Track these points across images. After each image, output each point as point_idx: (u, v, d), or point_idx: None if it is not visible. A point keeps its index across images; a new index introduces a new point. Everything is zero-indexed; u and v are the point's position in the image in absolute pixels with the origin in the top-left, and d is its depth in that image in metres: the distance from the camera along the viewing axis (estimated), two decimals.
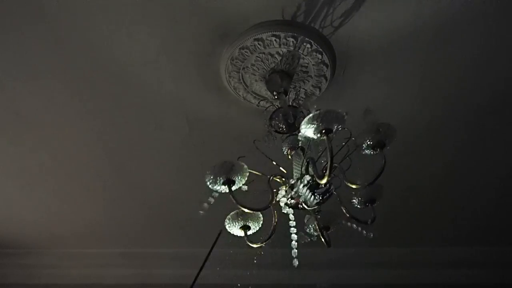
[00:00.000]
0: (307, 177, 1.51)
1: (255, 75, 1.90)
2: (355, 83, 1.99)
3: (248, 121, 2.14)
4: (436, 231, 3.12)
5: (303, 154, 1.59)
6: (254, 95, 2.00)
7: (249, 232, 1.67)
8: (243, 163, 1.45)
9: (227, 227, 1.67)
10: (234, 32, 1.78)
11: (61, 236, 3.32)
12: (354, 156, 1.53)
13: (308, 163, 1.55)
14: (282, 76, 1.85)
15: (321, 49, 1.77)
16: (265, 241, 1.62)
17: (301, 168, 1.58)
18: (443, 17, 1.69)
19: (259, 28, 1.75)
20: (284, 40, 1.75)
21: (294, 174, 1.61)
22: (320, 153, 1.57)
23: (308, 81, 1.92)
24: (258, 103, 2.03)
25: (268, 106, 1.91)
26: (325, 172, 1.39)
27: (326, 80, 1.90)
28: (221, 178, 1.44)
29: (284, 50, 1.78)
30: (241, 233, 1.67)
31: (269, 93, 1.89)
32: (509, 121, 2.20)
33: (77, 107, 2.20)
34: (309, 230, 1.71)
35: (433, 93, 2.04)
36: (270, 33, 1.74)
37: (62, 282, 3.55)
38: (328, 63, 1.83)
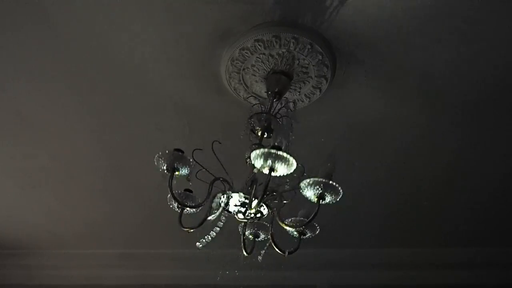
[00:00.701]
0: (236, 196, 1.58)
1: (255, 76, 1.90)
2: (356, 83, 1.99)
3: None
4: (436, 231, 3.12)
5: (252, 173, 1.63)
6: (255, 96, 1.99)
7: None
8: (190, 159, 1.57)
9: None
10: (235, 33, 1.78)
11: (61, 237, 3.32)
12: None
13: (251, 182, 1.59)
14: (281, 77, 1.84)
15: (321, 50, 1.77)
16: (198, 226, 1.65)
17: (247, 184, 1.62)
18: (443, 14, 1.68)
19: (260, 29, 1.74)
20: (285, 41, 1.75)
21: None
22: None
23: (309, 82, 1.91)
24: (258, 104, 2.02)
25: (255, 104, 1.91)
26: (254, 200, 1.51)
27: (327, 81, 1.90)
28: (165, 164, 1.59)
29: (284, 51, 1.78)
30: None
31: (268, 94, 1.88)
32: (509, 120, 2.19)
33: (77, 108, 2.20)
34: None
35: (433, 94, 2.04)
36: (270, 34, 1.73)
37: (62, 282, 3.56)
38: (328, 64, 1.82)
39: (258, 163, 1.41)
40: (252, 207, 1.52)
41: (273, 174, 1.42)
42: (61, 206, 2.93)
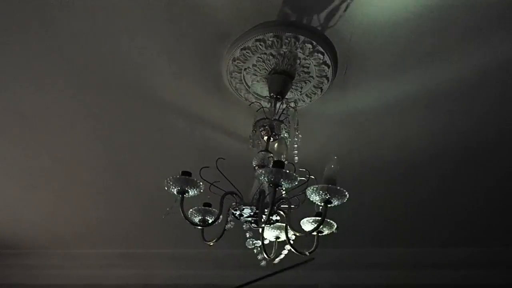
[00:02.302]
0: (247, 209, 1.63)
1: (256, 75, 1.90)
2: (357, 83, 1.99)
3: (249, 122, 2.14)
4: (436, 231, 3.12)
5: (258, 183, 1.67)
6: (256, 95, 1.99)
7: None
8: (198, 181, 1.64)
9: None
10: (236, 33, 1.78)
11: (62, 237, 3.32)
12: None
13: (259, 195, 1.64)
14: (283, 77, 1.84)
15: (322, 50, 1.77)
16: (217, 239, 1.72)
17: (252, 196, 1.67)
18: (446, 17, 1.69)
19: (261, 28, 1.74)
20: (286, 41, 1.75)
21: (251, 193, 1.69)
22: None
23: (310, 82, 1.91)
24: (259, 104, 2.02)
25: (252, 102, 1.94)
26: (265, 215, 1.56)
27: (328, 80, 1.90)
28: (176, 187, 1.66)
29: (286, 50, 1.78)
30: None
31: (269, 94, 1.88)
32: (509, 122, 2.19)
33: (78, 108, 2.20)
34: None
35: (435, 92, 2.04)
36: (272, 33, 1.73)
37: (63, 282, 3.56)
38: (330, 64, 1.82)
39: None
40: (262, 222, 1.58)
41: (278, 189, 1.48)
42: (62, 206, 2.93)
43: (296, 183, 1.48)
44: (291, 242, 1.62)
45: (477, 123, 2.17)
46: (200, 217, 1.74)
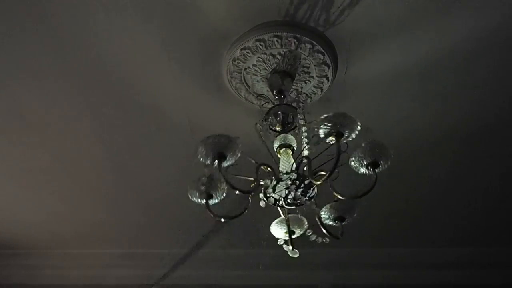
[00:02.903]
0: (293, 175, 1.52)
1: (256, 75, 1.90)
2: (357, 83, 1.99)
3: (250, 122, 2.14)
4: (436, 231, 3.12)
5: (292, 154, 1.64)
6: (256, 95, 2.00)
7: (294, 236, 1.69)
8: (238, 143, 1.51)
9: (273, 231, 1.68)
10: (236, 33, 1.78)
11: (62, 237, 3.31)
12: (344, 168, 1.52)
13: (300, 162, 1.57)
14: (283, 77, 1.85)
15: (322, 50, 1.77)
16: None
17: (290, 166, 1.60)
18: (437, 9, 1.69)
19: (261, 28, 1.75)
20: (286, 41, 1.75)
21: (280, 170, 1.61)
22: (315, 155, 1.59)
23: (310, 82, 1.92)
24: (259, 104, 2.03)
25: (263, 104, 1.92)
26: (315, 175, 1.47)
27: (328, 80, 1.90)
28: (212, 153, 1.51)
29: (286, 50, 1.78)
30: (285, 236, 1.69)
31: (270, 93, 1.89)
32: (508, 122, 2.20)
33: (78, 108, 2.20)
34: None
35: (433, 92, 2.04)
36: (272, 33, 1.74)
37: (63, 282, 3.55)
38: (330, 64, 1.83)
39: (321, 131, 1.39)
40: (320, 181, 1.46)
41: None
42: (62, 206, 2.93)
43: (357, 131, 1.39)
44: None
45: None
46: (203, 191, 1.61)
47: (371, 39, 1.79)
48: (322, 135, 1.42)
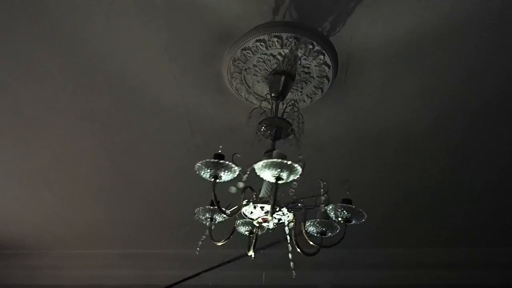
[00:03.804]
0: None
1: (257, 76, 1.90)
2: (357, 84, 1.99)
3: (250, 122, 2.14)
4: (437, 232, 3.12)
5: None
6: (256, 96, 2.00)
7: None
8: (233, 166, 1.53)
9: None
10: (236, 33, 1.78)
11: (62, 237, 3.32)
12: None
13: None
14: (283, 77, 1.85)
15: (323, 50, 1.77)
16: (226, 240, 1.75)
17: (267, 190, 1.65)
18: (443, 21, 1.69)
19: (261, 29, 1.75)
20: (286, 41, 1.75)
21: (261, 191, 1.66)
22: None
23: (310, 82, 1.92)
24: (260, 104, 2.03)
25: (254, 108, 1.90)
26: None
27: (328, 81, 1.90)
28: (209, 170, 1.55)
29: (286, 51, 1.78)
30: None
31: (269, 94, 1.89)
32: (508, 122, 2.20)
33: (79, 109, 2.20)
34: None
35: (433, 94, 2.04)
36: (272, 34, 1.74)
37: (63, 283, 3.56)
38: (330, 64, 1.83)
39: (265, 174, 1.43)
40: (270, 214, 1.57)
41: (280, 182, 1.44)
42: (63, 207, 2.93)
43: (297, 177, 1.45)
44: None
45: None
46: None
47: (372, 39, 1.79)
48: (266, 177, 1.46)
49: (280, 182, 1.44)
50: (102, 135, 2.36)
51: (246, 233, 1.79)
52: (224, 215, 1.66)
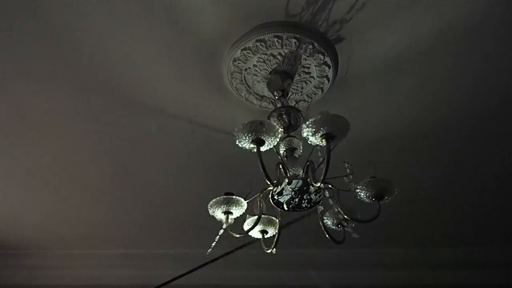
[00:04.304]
0: (298, 180, 1.56)
1: (257, 76, 1.90)
2: (357, 84, 1.99)
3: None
4: (436, 231, 3.12)
5: (297, 157, 1.66)
6: (256, 96, 2.00)
7: (266, 236, 1.74)
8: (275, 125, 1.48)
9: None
10: (236, 33, 1.79)
11: (63, 237, 3.31)
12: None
13: (306, 166, 1.57)
14: (283, 77, 1.85)
15: (323, 50, 1.78)
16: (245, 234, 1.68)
17: (295, 170, 1.61)
18: (445, 24, 1.70)
19: (261, 29, 1.75)
20: (286, 41, 1.75)
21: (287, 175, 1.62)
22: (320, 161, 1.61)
23: (310, 82, 1.92)
24: (260, 104, 2.03)
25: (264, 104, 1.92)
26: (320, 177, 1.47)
27: (329, 81, 1.90)
28: (251, 136, 1.47)
29: (286, 51, 1.78)
30: (259, 235, 1.74)
31: (271, 94, 1.89)
32: (509, 125, 2.20)
33: (79, 109, 2.20)
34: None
35: (434, 95, 2.05)
36: (272, 34, 1.74)
37: (64, 283, 3.55)
38: (330, 64, 1.83)
39: (311, 134, 1.41)
40: (319, 182, 1.49)
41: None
42: (63, 207, 2.93)
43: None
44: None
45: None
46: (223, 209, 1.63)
47: (372, 39, 1.79)
48: (313, 139, 1.44)
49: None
50: (102, 135, 2.36)
51: (259, 234, 1.76)
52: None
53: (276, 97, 1.84)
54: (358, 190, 1.60)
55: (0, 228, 3.21)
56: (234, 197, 1.60)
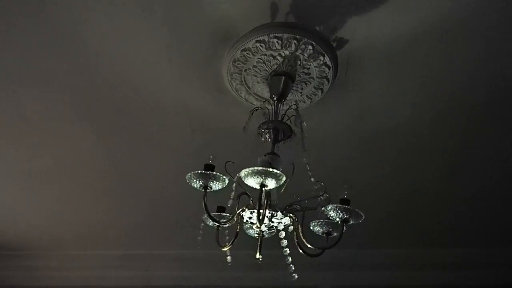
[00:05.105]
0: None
1: (257, 76, 1.90)
2: (358, 84, 1.99)
3: (250, 123, 2.14)
4: (436, 231, 3.12)
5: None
6: (256, 96, 2.00)
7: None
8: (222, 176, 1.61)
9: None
10: (236, 34, 1.78)
11: (63, 238, 3.32)
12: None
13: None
14: (284, 81, 1.85)
15: (323, 51, 1.77)
16: (231, 244, 1.79)
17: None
18: (444, 20, 1.69)
19: (261, 30, 1.75)
20: (286, 42, 1.75)
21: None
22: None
23: (310, 83, 1.92)
24: (260, 106, 2.03)
25: (255, 109, 1.92)
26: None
27: (328, 81, 1.90)
28: (199, 181, 1.64)
29: (286, 52, 1.78)
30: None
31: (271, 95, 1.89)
32: (509, 121, 2.20)
33: (79, 109, 2.20)
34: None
35: (434, 94, 2.04)
36: (272, 34, 1.74)
37: (64, 284, 3.56)
38: (330, 65, 1.83)
39: (250, 181, 1.47)
40: (261, 224, 1.60)
41: (265, 189, 1.49)
42: (63, 208, 2.93)
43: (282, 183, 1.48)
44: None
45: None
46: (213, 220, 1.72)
47: (372, 40, 1.79)
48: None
49: (265, 188, 1.49)
50: (102, 135, 2.37)
51: (256, 235, 1.80)
52: (216, 223, 1.73)
53: (276, 99, 1.85)
54: (327, 211, 1.63)
55: (0, 228, 3.22)
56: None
